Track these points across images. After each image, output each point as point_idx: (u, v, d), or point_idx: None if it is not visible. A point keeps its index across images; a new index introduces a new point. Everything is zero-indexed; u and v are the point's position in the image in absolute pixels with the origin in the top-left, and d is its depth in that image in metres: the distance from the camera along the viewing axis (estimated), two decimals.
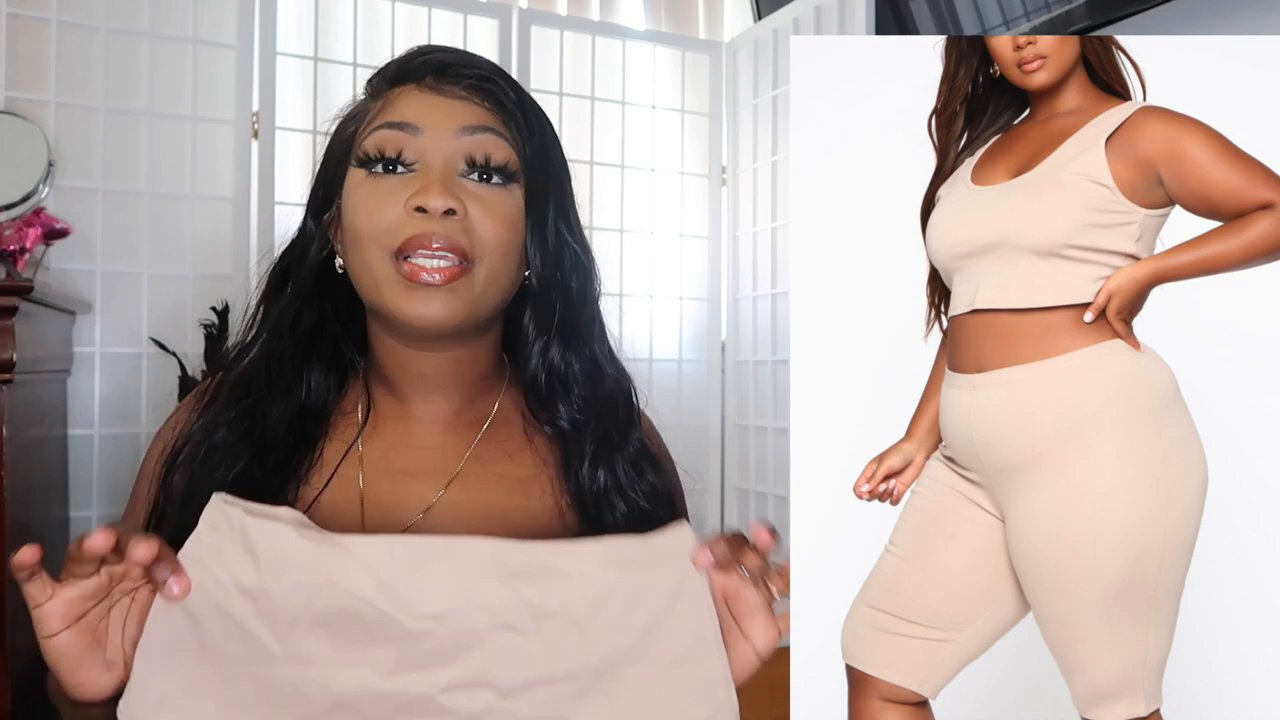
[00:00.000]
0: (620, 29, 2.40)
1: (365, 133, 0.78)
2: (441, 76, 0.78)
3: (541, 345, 0.82)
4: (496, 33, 2.22)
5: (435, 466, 0.82)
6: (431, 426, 0.83)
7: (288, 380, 0.80)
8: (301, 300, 0.81)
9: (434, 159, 0.76)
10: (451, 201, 0.74)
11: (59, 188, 1.74)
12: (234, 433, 0.78)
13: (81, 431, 1.81)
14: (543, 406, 0.84)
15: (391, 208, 0.74)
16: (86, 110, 1.82)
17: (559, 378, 0.83)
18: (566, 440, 0.84)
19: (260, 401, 0.79)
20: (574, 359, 0.83)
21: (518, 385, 0.86)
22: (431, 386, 0.82)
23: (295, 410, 0.80)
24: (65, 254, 1.75)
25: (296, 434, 0.79)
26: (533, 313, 0.81)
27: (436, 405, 0.83)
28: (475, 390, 0.84)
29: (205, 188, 1.94)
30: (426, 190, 0.74)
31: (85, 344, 1.82)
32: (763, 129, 2.34)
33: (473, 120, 0.77)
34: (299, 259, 0.82)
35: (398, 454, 0.82)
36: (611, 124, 2.35)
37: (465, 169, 0.76)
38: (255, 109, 1.97)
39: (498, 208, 0.76)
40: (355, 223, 0.76)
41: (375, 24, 2.11)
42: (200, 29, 1.93)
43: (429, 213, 0.73)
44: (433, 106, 0.77)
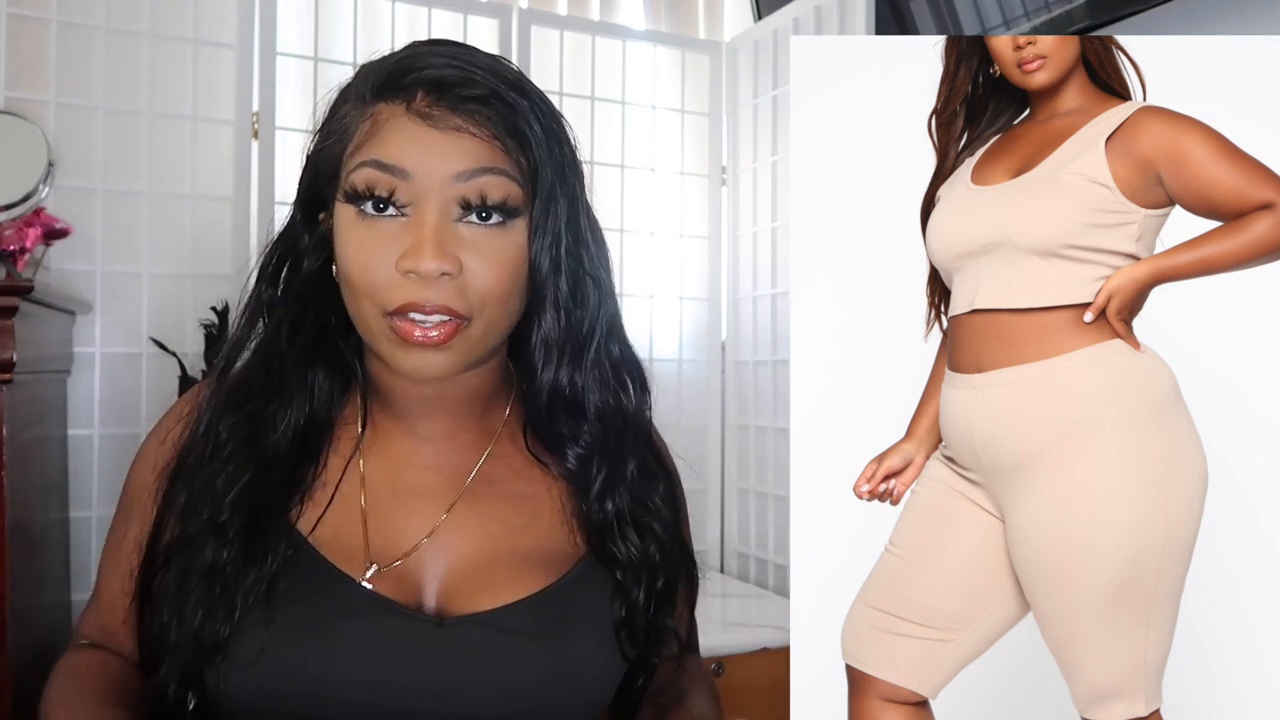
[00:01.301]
0: (620, 29, 2.39)
1: (352, 163, 0.72)
2: (435, 98, 0.71)
3: (550, 372, 0.78)
4: (496, 33, 2.22)
5: (439, 485, 0.80)
6: (435, 444, 0.81)
7: (291, 386, 0.78)
8: (300, 307, 0.78)
9: (427, 208, 0.70)
10: (445, 263, 0.69)
11: (59, 188, 1.74)
12: (235, 439, 0.76)
13: (81, 431, 1.81)
14: (549, 434, 0.81)
15: (383, 264, 0.70)
16: (86, 110, 1.82)
17: (565, 403, 0.79)
18: (571, 476, 0.82)
19: (264, 407, 0.77)
20: (580, 380, 0.79)
21: (521, 404, 0.83)
22: (433, 408, 0.80)
23: (301, 420, 0.77)
24: (65, 254, 1.75)
25: (300, 445, 0.77)
26: (539, 340, 0.77)
27: (439, 423, 0.80)
28: (480, 407, 0.82)
29: (205, 188, 1.94)
30: (418, 252, 0.69)
31: (85, 344, 1.82)
32: (763, 129, 2.33)
33: (468, 163, 0.70)
34: (294, 264, 0.79)
35: (401, 471, 0.80)
36: (611, 124, 2.35)
37: (461, 213, 0.71)
38: (255, 109, 1.97)
39: (496, 253, 0.71)
40: (348, 271, 0.72)
41: (375, 24, 2.11)
42: (200, 29, 1.93)
43: (421, 276, 0.69)
44: (424, 145, 0.70)
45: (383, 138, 0.71)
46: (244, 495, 0.75)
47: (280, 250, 0.80)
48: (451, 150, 0.70)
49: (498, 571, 0.78)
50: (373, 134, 0.72)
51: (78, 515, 1.80)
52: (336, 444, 0.80)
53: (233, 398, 0.78)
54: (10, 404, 1.39)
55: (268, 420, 0.77)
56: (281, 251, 0.80)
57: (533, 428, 0.82)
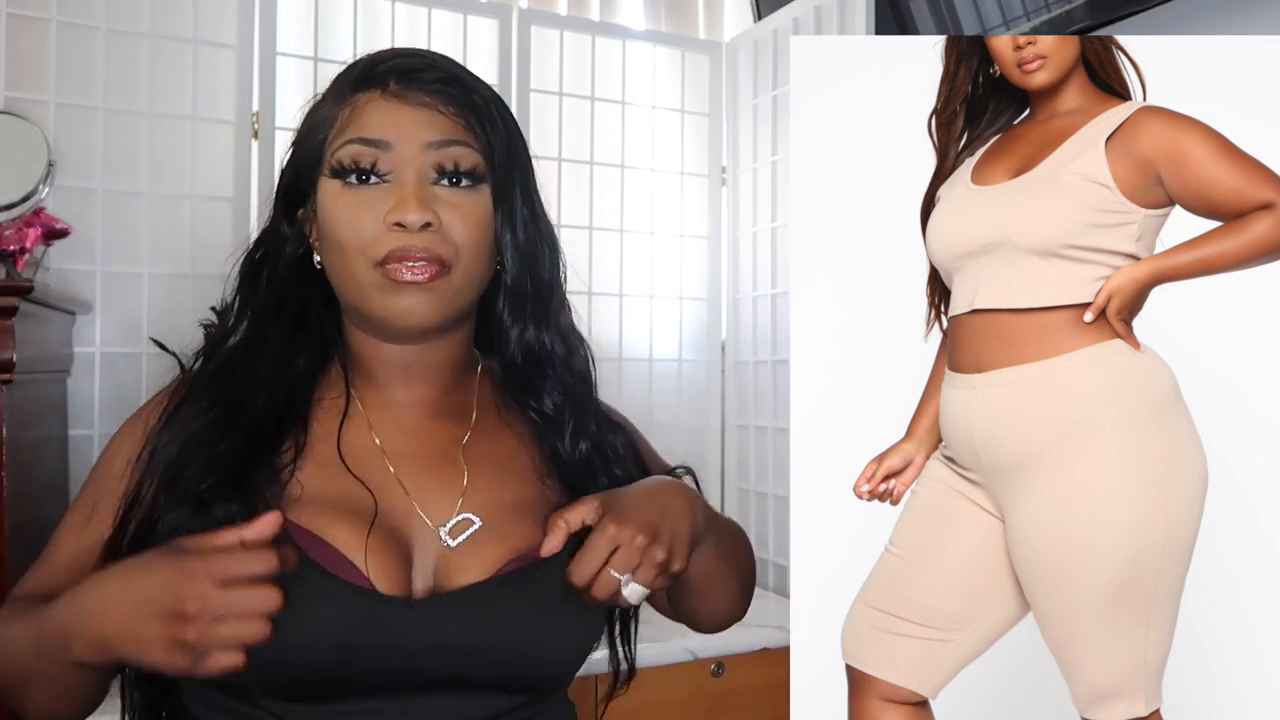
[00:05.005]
0: (620, 29, 2.39)
1: (336, 143, 0.81)
2: (406, 83, 0.81)
3: (518, 330, 0.87)
4: (496, 33, 2.22)
5: (422, 449, 0.85)
6: (414, 412, 0.86)
7: (271, 369, 0.82)
8: (282, 295, 0.84)
9: (407, 172, 0.79)
10: (427, 215, 0.78)
11: (59, 188, 1.74)
12: (215, 414, 0.80)
13: (81, 431, 1.81)
14: (521, 390, 0.89)
15: (371, 221, 0.78)
16: (86, 110, 1.81)
17: (535, 358, 0.88)
18: (545, 418, 0.89)
19: (243, 388, 0.81)
20: (547, 338, 0.88)
21: (489, 375, 0.91)
22: (413, 375, 0.86)
23: (283, 397, 0.82)
24: (65, 254, 1.75)
25: (284, 416, 0.81)
26: (507, 300, 0.86)
27: (418, 392, 0.86)
28: (453, 380, 0.88)
29: (205, 188, 1.94)
30: (403, 205, 0.78)
31: (85, 344, 1.82)
32: (763, 129, 2.33)
33: (440, 133, 0.80)
34: (274, 257, 0.85)
35: (385, 437, 0.84)
36: (611, 124, 2.35)
37: (436, 177, 0.80)
38: (255, 109, 1.97)
39: (469, 211, 0.81)
40: (337, 234, 0.80)
41: (375, 24, 2.11)
42: (200, 29, 1.93)
43: (407, 227, 0.77)
44: (400, 119, 0.80)
45: (364, 118, 0.81)
46: (225, 469, 0.77)
47: (261, 250, 0.86)
48: (424, 123, 0.80)
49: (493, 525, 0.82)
50: (353, 118, 0.81)
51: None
52: (317, 416, 0.83)
53: (214, 380, 0.83)
54: (10, 404, 1.39)
55: (248, 399, 0.81)
56: (264, 251, 0.86)
57: (508, 381, 0.90)
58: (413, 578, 0.79)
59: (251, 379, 0.82)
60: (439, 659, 0.77)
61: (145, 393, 1.83)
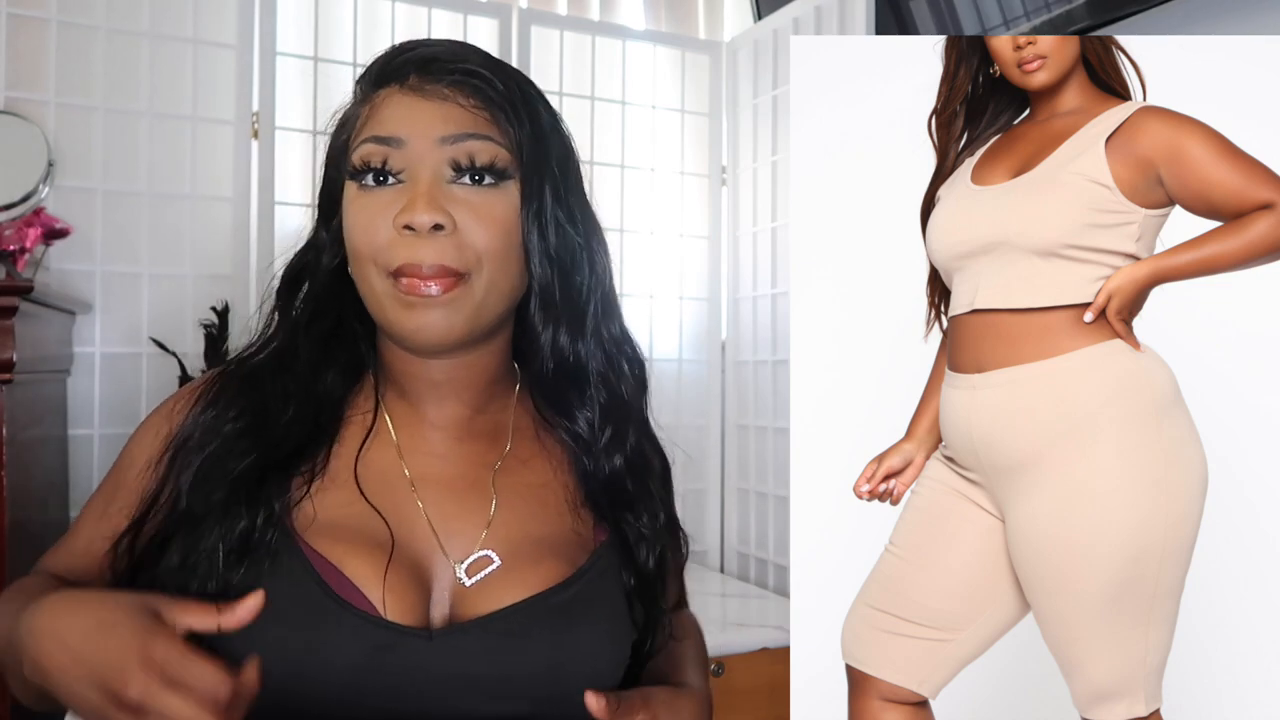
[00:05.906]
0: (620, 29, 2.39)
1: (354, 144, 0.77)
2: (424, 74, 0.76)
3: (549, 337, 0.81)
4: (496, 33, 2.22)
5: (450, 475, 0.81)
6: (445, 434, 0.82)
7: (303, 380, 0.79)
8: (317, 304, 0.81)
9: (420, 170, 0.74)
10: (438, 216, 0.72)
11: (59, 188, 1.74)
12: (241, 425, 0.77)
13: (81, 431, 1.81)
14: (554, 406, 0.84)
15: (383, 225, 0.73)
16: (86, 110, 1.82)
17: (568, 370, 0.82)
18: (578, 440, 0.84)
19: (272, 400, 0.78)
20: (583, 348, 0.82)
21: (528, 393, 0.86)
22: (444, 393, 0.81)
23: (312, 411, 0.79)
24: (65, 254, 1.75)
25: (310, 434, 0.78)
26: (538, 306, 0.80)
27: (449, 410, 0.82)
28: (487, 396, 0.83)
29: (205, 188, 1.94)
30: (412, 206, 0.72)
31: (85, 344, 1.82)
32: (763, 129, 2.33)
33: (455, 127, 0.74)
34: (312, 266, 0.82)
35: (413, 461, 0.80)
36: (611, 124, 2.35)
37: (453, 174, 0.75)
38: (255, 109, 1.97)
39: (489, 212, 0.74)
40: (352, 240, 0.76)
41: (375, 24, 2.11)
42: (200, 29, 1.93)
43: (416, 229, 0.72)
44: (414, 113, 0.75)
45: (380, 116, 0.76)
46: (252, 469, 0.75)
47: (303, 259, 0.83)
48: (437, 116, 0.75)
49: (514, 564, 0.78)
50: (371, 115, 0.77)
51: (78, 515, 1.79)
52: (347, 431, 0.80)
53: (242, 389, 0.79)
54: (10, 404, 1.39)
55: (278, 408, 0.78)
56: (306, 261, 0.83)
57: (539, 394, 0.85)
58: (430, 609, 0.75)
59: (280, 393, 0.78)
60: (458, 690, 0.73)
61: (145, 392, 1.84)
